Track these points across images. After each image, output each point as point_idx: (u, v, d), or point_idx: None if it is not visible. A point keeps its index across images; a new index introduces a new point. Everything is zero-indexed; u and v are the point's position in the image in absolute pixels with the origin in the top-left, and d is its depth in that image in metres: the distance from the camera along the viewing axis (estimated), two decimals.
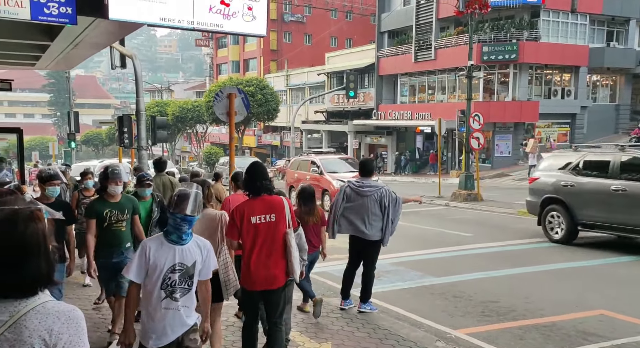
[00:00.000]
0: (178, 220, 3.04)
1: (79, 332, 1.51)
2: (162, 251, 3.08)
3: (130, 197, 5.12)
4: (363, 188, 5.74)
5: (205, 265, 3.20)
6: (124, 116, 13.48)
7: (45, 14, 4.91)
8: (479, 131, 16.71)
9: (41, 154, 52.86)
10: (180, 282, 3.09)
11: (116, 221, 4.85)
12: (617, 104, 31.78)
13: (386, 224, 5.71)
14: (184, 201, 3.04)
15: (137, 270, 3.08)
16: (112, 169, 4.83)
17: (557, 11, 27.52)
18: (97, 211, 4.80)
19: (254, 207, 3.90)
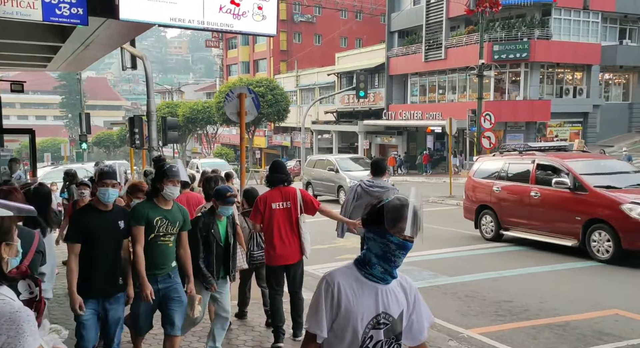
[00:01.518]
0: (393, 246, 1.90)
1: (19, 334, 1.46)
2: (361, 294, 1.92)
3: (181, 207, 4.09)
4: (373, 188, 5.71)
5: (416, 318, 2.02)
6: (135, 117, 13.54)
7: (57, 14, 4.94)
8: (490, 130, 16.58)
9: (53, 156, 53.43)
10: (388, 344, 1.96)
11: (164, 234, 3.87)
12: (630, 103, 31.39)
13: None
14: (401, 217, 1.89)
15: (321, 318, 1.90)
16: (170, 166, 3.88)
17: (568, 9, 27.25)
18: (149, 217, 3.78)
19: (274, 196, 4.84)
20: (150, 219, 3.80)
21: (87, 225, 3.63)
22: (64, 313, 5.88)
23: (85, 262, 3.64)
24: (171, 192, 3.85)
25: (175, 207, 3.98)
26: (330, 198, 17.57)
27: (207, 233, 4.27)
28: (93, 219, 3.65)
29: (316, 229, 12.02)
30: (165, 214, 3.87)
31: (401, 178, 28.70)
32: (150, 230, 3.82)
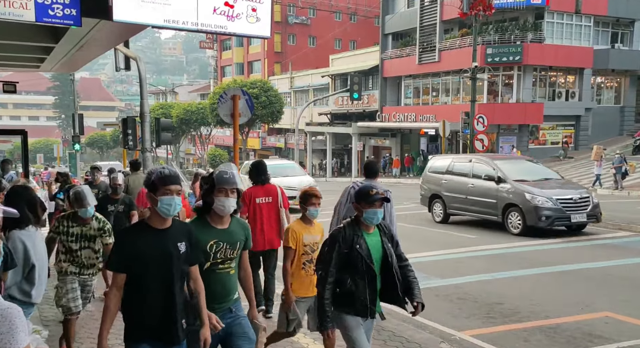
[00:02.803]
0: None
1: (12, 330, 1.49)
2: None
3: (241, 221, 3.36)
4: None
5: None
6: (128, 118, 13.49)
7: (50, 15, 4.93)
8: (483, 133, 16.68)
9: (46, 157, 53.14)
10: None
11: (223, 260, 3.13)
12: (621, 106, 31.66)
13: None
14: None
15: None
16: (221, 172, 3.09)
17: (561, 13, 27.46)
18: (200, 242, 3.00)
19: (258, 192, 5.61)
20: (201, 244, 3.00)
21: (138, 250, 2.69)
22: (54, 315, 5.86)
23: (134, 297, 2.75)
24: (223, 205, 3.04)
25: (234, 223, 3.19)
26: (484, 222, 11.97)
27: (349, 250, 3.30)
28: (146, 241, 2.72)
29: None
30: (222, 235, 3.08)
31: (395, 180, 28.77)
32: (204, 258, 3.05)
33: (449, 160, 13.08)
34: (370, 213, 3.32)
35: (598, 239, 10.32)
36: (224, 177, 3.06)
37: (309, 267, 4.20)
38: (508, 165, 11.88)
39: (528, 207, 10.58)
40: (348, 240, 3.30)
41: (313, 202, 4.17)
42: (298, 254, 4.16)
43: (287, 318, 4.20)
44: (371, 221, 3.34)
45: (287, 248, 4.16)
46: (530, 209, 10.53)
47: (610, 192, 19.23)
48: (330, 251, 3.32)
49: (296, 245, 4.15)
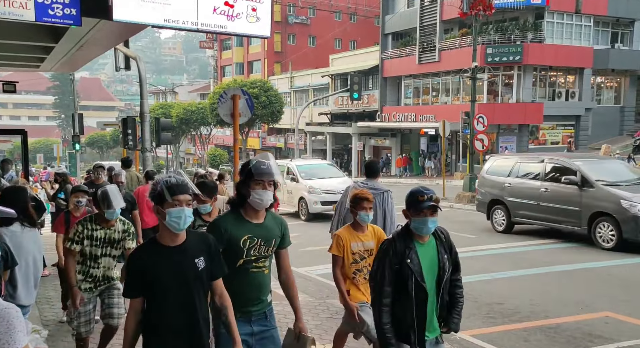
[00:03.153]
0: None
1: (10, 330, 1.50)
2: None
3: (277, 216, 3.09)
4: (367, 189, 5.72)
5: None
6: (128, 118, 13.49)
7: (50, 15, 4.92)
8: (483, 133, 16.67)
9: (46, 156, 53.14)
10: None
11: (258, 257, 2.89)
12: (621, 106, 31.65)
13: (387, 230, 5.64)
14: None
15: None
16: (258, 163, 2.85)
17: (561, 12, 27.45)
18: (232, 236, 2.81)
19: None
20: (234, 239, 2.80)
21: (151, 274, 2.47)
22: (55, 315, 5.86)
23: (153, 319, 2.53)
24: (260, 198, 2.81)
25: (269, 218, 2.95)
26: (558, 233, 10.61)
27: (400, 266, 2.85)
28: (159, 263, 2.48)
29: (309, 231, 12.05)
30: (257, 231, 2.85)
31: (394, 180, 28.78)
32: (237, 255, 2.82)
33: (513, 160, 11.51)
34: (419, 222, 2.88)
35: None
36: (261, 168, 2.81)
37: (359, 276, 3.89)
38: (591, 166, 10.15)
39: (625, 217, 8.84)
40: (399, 253, 2.85)
41: (364, 206, 3.83)
42: (346, 263, 3.89)
43: (355, 329, 3.89)
44: (420, 231, 2.90)
45: (333, 256, 3.94)
46: (628, 219, 8.78)
47: None
48: (381, 267, 2.87)
49: (343, 253, 3.87)
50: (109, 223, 4.21)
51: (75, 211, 5.28)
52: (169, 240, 2.51)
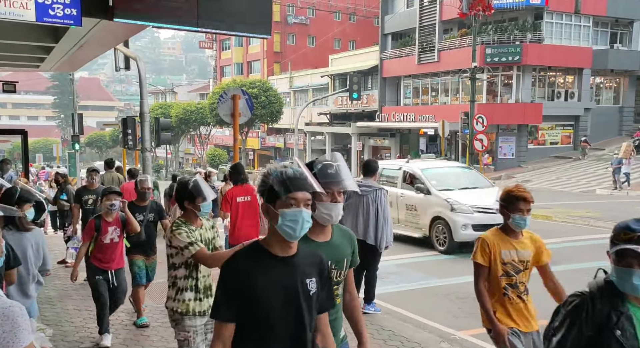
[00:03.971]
0: None
1: (15, 328, 1.50)
2: None
3: (345, 230, 2.51)
4: (361, 187, 5.74)
5: None
6: (128, 118, 13.49)
7: (50, 15, 4.93)
8: (483, 133, 16.69)
9: (45, 156, 53.11)
10: None
11: None
12: (620, 106, 31.68)
13: (380, 228, 5.67)
14: None
15: None
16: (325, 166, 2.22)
17: (560, 13, 27.48)
18: None
19: (238, 191, 6.19)
20: None
21: (254, 288, 1.85)
22: (56, 315, 5.87)
23: None
24: (329, 213, 2.22)
25: (337, 234, 2.38)
26: None
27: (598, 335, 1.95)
28: (265, 275, 1.87)
29: None
30: (325, 251, 2.19)
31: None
32: None
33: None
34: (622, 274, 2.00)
35: (597, 239, 10.33)
36: (328, 172, 2.18)
37: (512, 293, 3.13)
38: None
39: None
40: (598, 316, 1.96)
41: (520, 207, 3.09)
42: (495, 275, 3.15)
43: None
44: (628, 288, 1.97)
45: (476, 265, 3.20)
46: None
47: (609, 192, 19.27)
48: (567, 332, 2.01)
49: (490, 262, 3.14)
50: (199, 221, 3.45)
51: (107, 216, 4.89)
52: (279, 249, 1.92)
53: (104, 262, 4.95)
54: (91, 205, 7.15)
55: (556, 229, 11.43)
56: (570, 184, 21.95)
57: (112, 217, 4.91)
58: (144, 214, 5.51)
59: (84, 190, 7.35)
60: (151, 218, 5.59)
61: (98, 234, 4.87)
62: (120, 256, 5.09)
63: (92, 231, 4.88)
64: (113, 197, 4.84)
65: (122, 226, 5.03)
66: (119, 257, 5.07)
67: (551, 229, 11.41)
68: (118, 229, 5.00)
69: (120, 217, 4.99)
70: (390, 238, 5.79)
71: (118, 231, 5.00)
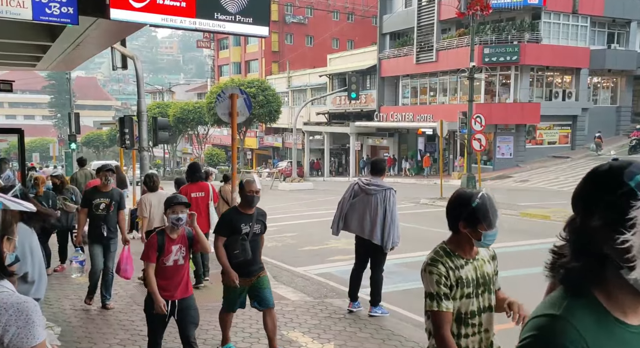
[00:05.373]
0: None
1: (29, 324, 1.48)
2: None
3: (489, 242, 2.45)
4: (370, 186, 5.71)
5: None
6: (125, 117, 13.45)
7: (47, 14, 4.91)
8: (481, 132, 16.70)
9: (42, 156, 52.99)
10: None
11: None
12: (618, 106, 31.76)
13: (387, 228, 5.63)
14: None
15: None
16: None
17: (558, 13, 27.52)
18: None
19: (193, 188, 7.06)
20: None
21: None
22: (53, 315, 5.84)
23: None
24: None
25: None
26: None
27: None
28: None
29: (307, 231, 12.05)
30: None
31: (392, 179, 28.81)
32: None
33: None
34: None
35: None
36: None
37: None
38: None
39: None
40: None
41: None
42: None
43: None
44: None
45: None
46: None
47: None
48: None
49: None
50: (473, 252, 2.56)
51: (171, 232, 4.01)
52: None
53: (166, 289, 3.98)
54: (103, 210, 6.02)
55: (554, 229, 11.43)
56: (568, 184, 21.97)
57: (177, 233, 4.03)
58: (249, 225, 4.45)
59: (95, 192, 6.14)
60: (258, 231, 4.56)
61: (160, 254, 3.97)
62: (186, 282, 4.11)
63: (154, 250, 3.96)
64: (179, 209, 3.95)
65: (188, 244, 4.08)
66: (184, 283, 4.08)
67: (548, 229, 11.42)
68: (184, 248, 4.04)
69: (186, 232, 4.08)
70: (397, 239, 5.75)
71: (184, 251, 4.04)
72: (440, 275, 2.33)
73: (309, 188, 25.39)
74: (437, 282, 2.32)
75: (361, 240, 5.74)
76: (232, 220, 4.45)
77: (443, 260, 2.40)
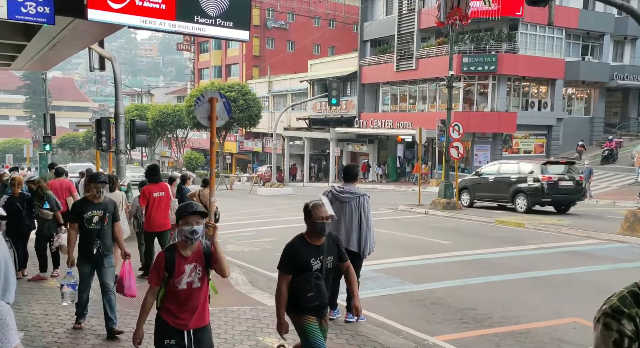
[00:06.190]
0: None
1: (3, 328, 1.47)
2: None
3: None
4: (343, 193, 5.71)
5: None
6: (102, 119, 13.23)
7: (22, 13, 4.83)
8: (459, 140, 16.91)
9: (15, 157, 51.78)
10: None
11: None
12: (591, 117, 32.55)
13: (363, 235, 5.65)
14: None
15: None
16: None
17: (534, 24, 28.13)
18: None
19: (154, 188, 7.75)
20: None
21: None
22: (22, 319, 5.70)
23: None
24: None
25: None
26: None
27: None
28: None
29: (285, 236, 12.02)
30: None
31: (371, 185, 28.93)
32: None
33: None
34: None
35: (567, 246, 10.57)
36: None
37: None
38: None
39: None
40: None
41: None
42: None
43: None
44: None
45: None
46: None
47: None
48: None
49: None
50: None
51: (184, 248, 3.32)
52: None
53: (178, 317, 3.31)
54: (97, 224, 5.22)
55: (528, 236, 11.64)
56: None
57: (191, 249, 3.32)
58: (319, 259, 3.61)
59: (86, 204, 5.26)
60: (331, 264, 3.70)
61: (170, 275, 3.27)
62: (203, 308, 3.40)
63: (162, 270, 3.28)
64: (195, 220, 3.25)
65: (205, 263, 3.34)
66: (200, 309, 3.38)
67: (523, 237, 11.61)
68: (200, 268, 3.33)
69: (203, 247, 3.36)
70: (372, 244, 5.77)
71: (200, 271, 3.32)
72: (622, 336, 1.56)
73: (288, 194, 25.35)
74: (615, 343, 1.58)
75: None
76: (298, 254, 3.59)
77: (633, 311, 1.57)
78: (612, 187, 22.31)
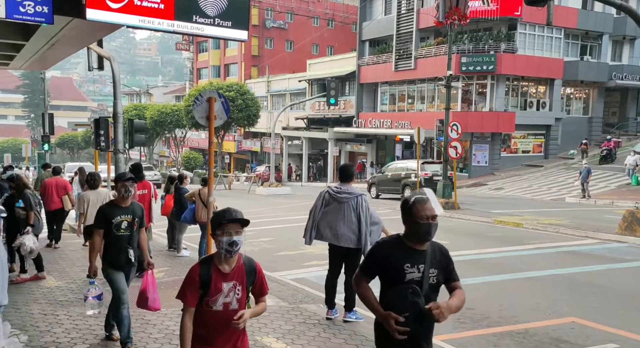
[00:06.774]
0: None
1: None
2: None
3: None
4: (340, 194, 5.71)
5: None
6: (101, 118, 13.21)
7: (21, 12, 4.82)
8: (457, 140, 16.92)
9: (14, 156, 51.72)
10: None
11: None
12: (590, 117, 32.60)
13: (363, 233, 5.64)
14: None
15: None
16: None
17: (533, 24, 28.16)
18: None
19: (138, 186, 7.17)
20: None
21: None
22: (20, 319, 5.70)
23: None
24: None
25: None
26: None
27: None
28: None
29: (284, 236, 12.01)
30: None
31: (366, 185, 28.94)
32: None
33: None
34: None
35: (566, 246, 10.59)
36: None
37: None
38: None
39: None
40: None
41: None
42: None
43: None
44: None
45: None
46: None
47: (578, 200, 19.75)
48: None
49: None
50: None
51: (222, 262, 2.76)
52: None
53: (209, 343, 2.75)
54: (125, 230, 4.80)
55: (526, 236, 11.65)
56: (541, 192, 22.43)
57: (231, 264, 2.76)
58: (418, 268, 2.81)
59: (114, 208, 4.82)
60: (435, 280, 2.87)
61: (205, 294, 2.72)
62: (240, 335, 2.84)
63: (196, 287, 2.71)
64: (234, 229, 2.68)
65: (245, 281, 2.78)
66: (237, 335, 2.82)
67: (522, 236, 11.63)
68: (239, 288, 2.76)
69: (245, 263, 2.80)
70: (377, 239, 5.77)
71: (239, 291, 2.76)
72: None
73: (287, 193, 25.34)
74: None
75: (335, 247, 5.75)
76: (389, 255, 2.81)
77: None
78: (611, 186, 22.36)
